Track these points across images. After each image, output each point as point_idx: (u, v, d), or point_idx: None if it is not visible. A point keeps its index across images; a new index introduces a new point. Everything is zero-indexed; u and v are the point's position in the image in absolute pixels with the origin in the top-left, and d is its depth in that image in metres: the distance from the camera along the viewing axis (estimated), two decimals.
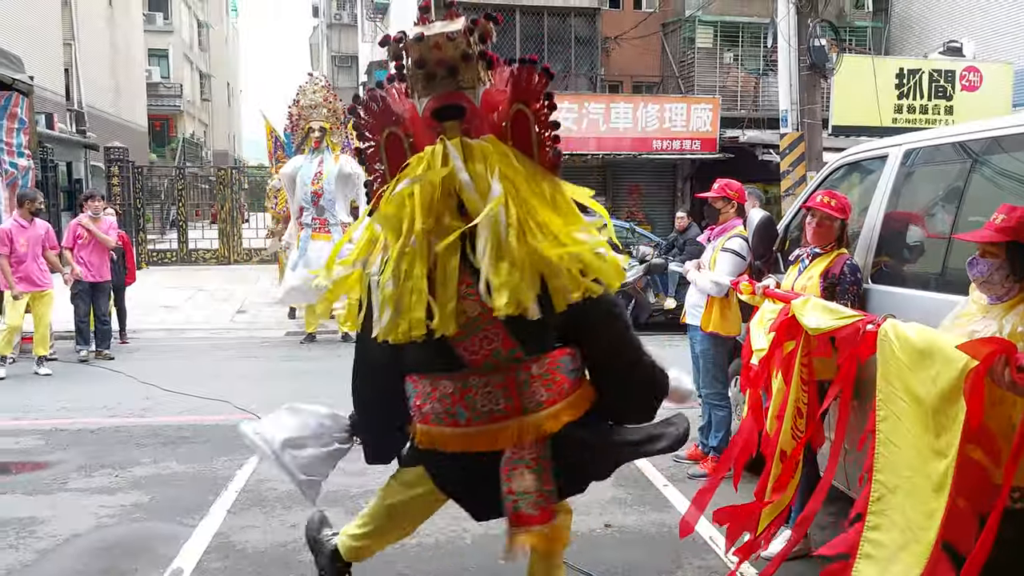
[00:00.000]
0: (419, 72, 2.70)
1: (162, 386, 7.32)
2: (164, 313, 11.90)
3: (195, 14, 47.03)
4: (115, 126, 26.07)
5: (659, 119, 15.07)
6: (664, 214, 16.47)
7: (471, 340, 2.65)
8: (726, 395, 5.15)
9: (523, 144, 2.74)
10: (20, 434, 5.94)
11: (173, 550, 3.93)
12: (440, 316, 2.55)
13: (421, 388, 2.77)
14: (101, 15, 26.91)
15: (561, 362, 2.77)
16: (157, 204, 24.30)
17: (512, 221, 2.55)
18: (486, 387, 2.68)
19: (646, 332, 11.16)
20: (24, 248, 7.84)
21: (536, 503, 2.70)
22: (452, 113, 2.69)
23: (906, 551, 2.51)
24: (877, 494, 2.67)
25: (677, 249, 11.00)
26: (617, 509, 4.56)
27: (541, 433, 2.71)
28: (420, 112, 2.72)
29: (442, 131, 2.67)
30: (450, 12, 2.72)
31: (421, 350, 2.66)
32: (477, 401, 2.68)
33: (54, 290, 8.43)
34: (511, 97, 2.75)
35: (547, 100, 2.79)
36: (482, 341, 2.66)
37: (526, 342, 2.68)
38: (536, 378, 2.71)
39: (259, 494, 4.72)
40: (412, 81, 2.74)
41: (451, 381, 2.70)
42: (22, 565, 3.79)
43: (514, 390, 2.69)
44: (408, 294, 2.56)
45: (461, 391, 2.69)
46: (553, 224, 2.65)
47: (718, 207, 5.14)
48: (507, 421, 2.69)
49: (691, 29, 18.89)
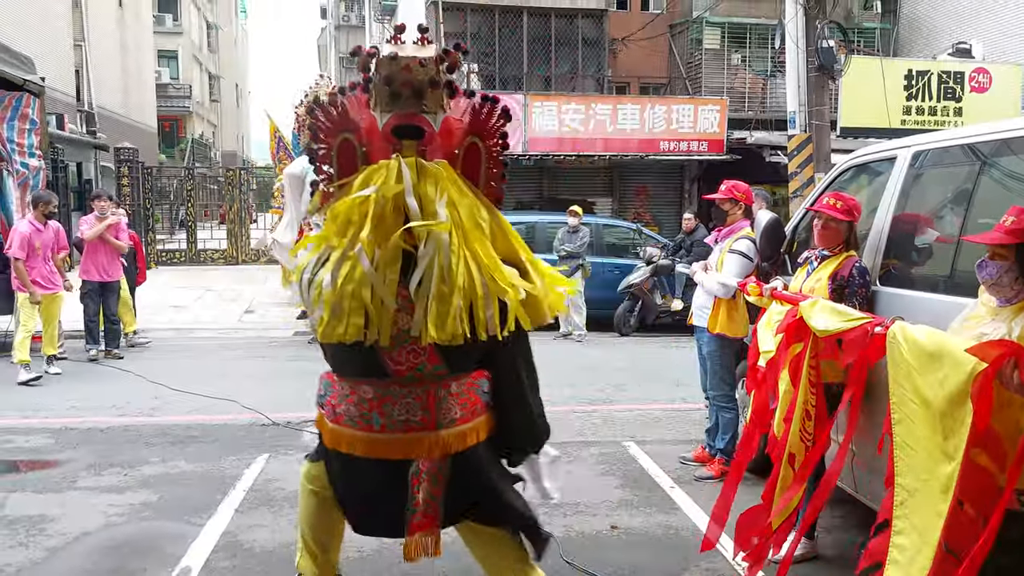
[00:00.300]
0: (386, 89, 2.82)
1: (171, 385, 7.35)
2: (173, 313, 11.95)
3: (204, 16, 47.20)
4: (125, 127, 26.17)
5: (666, 120, 15.06)
6: (671, 215, 16.45)
7: (399, 352, 2.70)
8: (733, 397, 5.15)
9: (471, 175, 2.88)
10: (30, 432, 5.98)
11: (181, 549, 3.95)
12: (378, 326, 2.63)
13: (339, 389, 2.80)
14: (111, 16, 27.04)
15: (478, 383, 2.83)
16: (166, 204, 24.39)
17: (455, 248, 2.66)
18: (406, 398, 2.73)
19: (653, 334, 11.18)
20: (39, 251, 7.86)
21: (425, 512, 2.76)
22: (411, 133, 2.81)
23: (921, 554, 2.51)
24: (900, 498, 2.65)
25: (684, 250, 10.98)
26: (623, 511, 4.56)
27: (449, 449, 2.76)
28: (380, 126, 2.82)
29: (399, 148, 2.79)
30: (423, 38, 2.86)
31: (347, 353, 2.71)
32: (395, 410, 2.72)
33: (63, 292, 8.50)
34: (467, 129, 2.89)
35: (502, 139, 2.96)
36: (409, 354, 2.71)
37: (451, 360, 2.74)
38: (454, 395, 2.77)
39: (267, 493, 4.74)
40: (377, 95, 2.85)
41: (372, 387, 2.73)
42: (32, 563, 3.81)
43: (432, 404, 2.74)
44: (348, 298, 2.62)
45: (380, 399, 2.73)
46: (488, 257, 2.76)
47: (725, 209, 5.13)
48: (420, 433, 2.73)
49: (698, 30, 18.87)
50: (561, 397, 7.30)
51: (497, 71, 18.33)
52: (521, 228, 12.24)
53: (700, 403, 5.98)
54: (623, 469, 5.30)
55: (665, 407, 7.03)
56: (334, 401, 2.81)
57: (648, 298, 11.10)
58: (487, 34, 18.28)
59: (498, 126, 2.98)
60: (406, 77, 2.80)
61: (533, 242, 11.78)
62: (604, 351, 10.05)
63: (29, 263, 7.77)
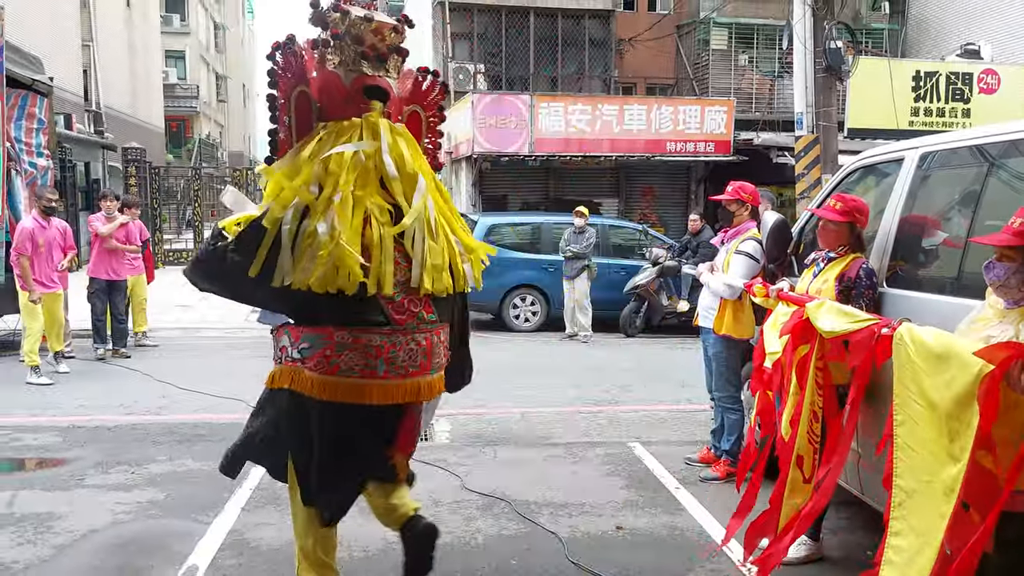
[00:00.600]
0: (355, 48, 2.99)
1: (178, 384, 7.38)
2: (180, 312, 11.99)
3: (212, 16, 47.32)
4: (132, 127, 26.27)
5: (673, 121, 15.04)
6: (677, 216, 16.42)
7: (400, 301, 2.92)
8: (739, 398, 5.14)
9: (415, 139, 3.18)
10: (39, 430, 6.01)
11: (188, 547, 3.97)
12: (380, 275, 2.84)
13: (337, 339, 2.86)
14: (119, 16, 27.14)
15: (449, 334, 3.15)
16: (173, 204, 24.48)
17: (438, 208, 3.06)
18: (408, 345, 2.92)
19: (658, 335, 11.19)
20: (42, 249, 7.87)
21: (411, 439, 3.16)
22: (380, 95, 3.02)
23: (921, 555, 2.51)
24: (898, 499, 2.66)
25: (690, 251, 10.98)
26: (628, 511, 4.56)
27: (435, 392, 3.07)
28: (346, 83, 3.00)
29: (367, 109, 2.99)
30: (371, 4, 3.08)
31: (347, 304, 2.83)
32: (399, 357, 2.90)
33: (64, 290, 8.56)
34: (409, 98, 3.20)
35: (440, 111, 3.35)
36: (409, 304, 2.94)
37: (440, 310, 3.04)
38: (440, 343, 3.06)
39: (273, 492, 4.74)
40: (341, 54, 3.01)
41: (379, 336, 2.88)
42: (40, 560, 3.83)
43: (429, 351, 2.98)
44: (344, 247, 2.77)
45: (388, 346, 2.88)
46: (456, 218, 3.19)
47: (732, 210, 5.13)
48: (418, 378, 2.96)
49: (706, 31, 18.86)
50: (566, 398, 7.31)
51: (504, 71, 18.35)
52: (527, 229, 12.26)
53: (705, 404, 5.98)
54: (628, 470, 5.30)
55: (671, 408, 7.03)
56: (328, 352, 2.87)
57: (654, 299, 11.09)
58: (494, 34, 18.29)
59: (436, 99, 3.29)
60: (377, 40, 3.00)
61: (539, 243, 11.80)
62: (610, 352, 10.05)
63: (32, 260, 7.72)
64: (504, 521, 4.37)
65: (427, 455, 5.38)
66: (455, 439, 5.94)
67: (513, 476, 5.10)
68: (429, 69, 3.27)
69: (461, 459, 5.43)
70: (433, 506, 4.55)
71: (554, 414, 6.71)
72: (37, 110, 9.86)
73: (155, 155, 25.15)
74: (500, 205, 15.46)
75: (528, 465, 5.38)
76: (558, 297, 11.06)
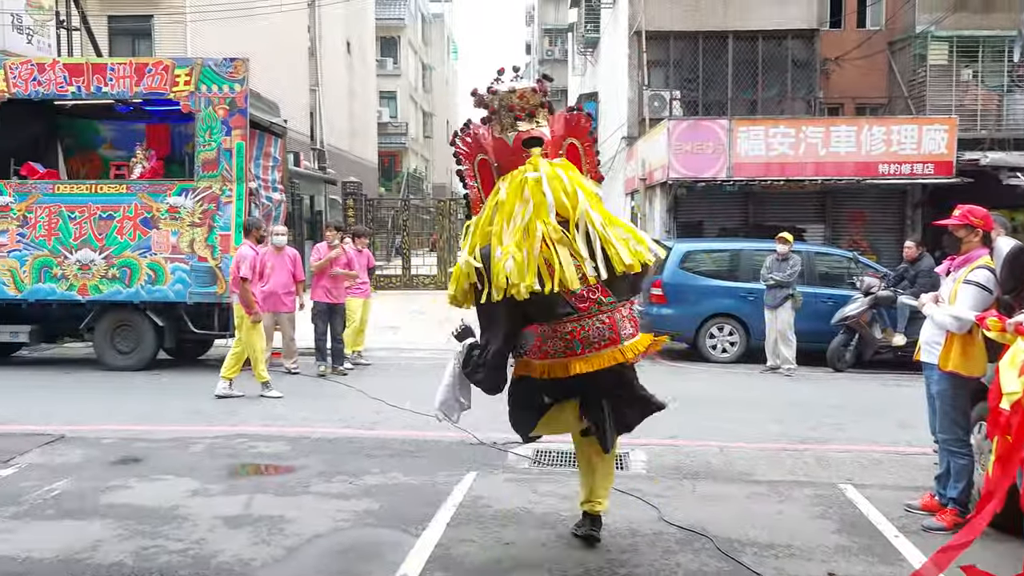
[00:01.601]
0: (509, 114, 4.04)
1: (388, 402, 7.87)
2: (391, 334, 12.79)
3: (420, 58, 50.45)
4: (350, 162, 28.56)
5: (886, 142, 14.08)
6: (891, 243, 15.30)
7: (580, 293, 3.82)
8: (967, 442, 4.71)
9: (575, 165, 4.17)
10: (271, 439, 6.64)
11: (399, 557, 4.22)
12: (567, 275, 3.75)
13: (542, 331, 3.89)
14: (341, 62, 29.69)
15: (635, 308, 4.08)
16: (384, 233, 26.21)
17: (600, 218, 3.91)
18: (595, 324, 3.84)
19: (870, 370, 10.45)
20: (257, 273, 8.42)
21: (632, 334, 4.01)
22: (535, 143, 4.02)
23: None
24: None
25: (907, 281, 10.20)
26: (841, 557, 4.30)
27: (627, 356, 3.93)
28: (510, 143, 4.03)
29: (528, 155, 3.97)
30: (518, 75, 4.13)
31: (542, 303, 3.79)
32: (591, 335, 3.83)
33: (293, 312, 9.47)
34: (564, 134, 4.20)
35: (591, 136, 4.31)
36: (588, 293, 3.85)
37: (617, 292, 3.93)
38: (625, 317, 3.96)
39: (475, 510, 4.94)
40: (502, 121, 4.05)
41: (570, 323, 3.84)
42: (273, 560, 4.22)
43: (615, 326, 3.87)
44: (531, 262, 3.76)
45: (579, 329, 3.83)
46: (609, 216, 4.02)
47: (960, 236, 4.77)
48: (611, 348, 3.86)
49: (922, 46, 17.55)
50: (769, 434, 7.01)
51: (700, 96, 18.07)
52: (725, 255, 11.95)
53: (928, 447, 5.54)
54: (840, 513, 4.99)
55: (887, 449, 6.55)
56: (539, 343, 3.92)
57: (866, 331, 10.39)
58: (690, 60, 18.10)
59: (585, 127, 4.25)
60: (525, 104, 4.04)
61: (738, 270, 11.46)
62: (816, 387, 9.53)
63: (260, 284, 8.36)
64: (704, 557, 4.26)
65: (623, 484, 5.37)
66: (652, 470, 5.88)
67: (713, 511, 4.96)
68: (574, 107, 4.37)
69: (659, 491, 5.36)
70: (631, 536, 4.54)
71: (756, 450, 6.46)
72: (273, 149, 11.04)
73: (369, 188, 27.16)
74: (696, 232, 15.16)
75: (729, 501, 5.21)
76: (758, 327, 10.65)
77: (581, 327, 3.80)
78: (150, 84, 9.59)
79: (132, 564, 4.10)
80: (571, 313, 3.80)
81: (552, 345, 3.85)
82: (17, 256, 9.69)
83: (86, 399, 8.25)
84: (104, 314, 9.82)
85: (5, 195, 9.73)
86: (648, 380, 4.26)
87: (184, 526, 4.63)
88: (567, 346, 3.82)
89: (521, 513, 4.91)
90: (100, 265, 9.61)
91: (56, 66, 9.81)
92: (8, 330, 10.04)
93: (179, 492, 5.23)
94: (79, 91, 9.71)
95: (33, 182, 10.01)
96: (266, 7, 18.71)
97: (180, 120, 10.44)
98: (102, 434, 6.71)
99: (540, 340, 3.88)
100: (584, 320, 3.79)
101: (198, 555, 4.22)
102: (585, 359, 3.81)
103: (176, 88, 9.52)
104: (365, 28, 34.34)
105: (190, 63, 9.66)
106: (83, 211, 9.64)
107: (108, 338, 9.86)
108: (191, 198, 9.55)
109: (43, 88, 9.70)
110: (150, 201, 9.59)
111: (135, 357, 9.79)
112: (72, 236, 9.63)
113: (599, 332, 3.81)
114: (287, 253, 9.63)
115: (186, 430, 6.90)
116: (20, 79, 9.68)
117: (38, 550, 4.26)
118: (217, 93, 9.47)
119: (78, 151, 11.50)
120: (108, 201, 9.66)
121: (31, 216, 9.68)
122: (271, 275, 9.38)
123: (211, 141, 9.49)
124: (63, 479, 5.48)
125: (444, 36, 59.09)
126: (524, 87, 4.02)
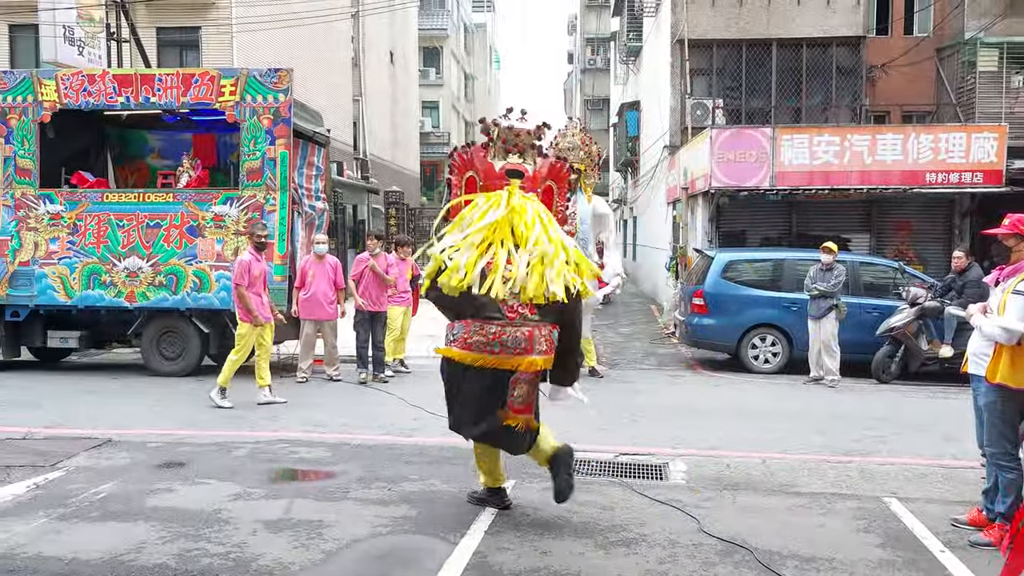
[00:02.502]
0: (503, 146, 4.85)
1: (428, 409, 7.91)
2: (430, 341, 12.84)
3: (463, 68, 50.78)
4: (392, 172, 28.83)
5: (933, 150, 13.79)
6: (938, 253, 14.96)
7: (512, 305, 4.56)
8: (1016, 456, 4.60)
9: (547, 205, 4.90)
10: (311, 445, 6.72)
11: (437, 563, 4.24)
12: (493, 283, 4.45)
13: (471, 327, 4.60)
14: (384, 72, 30.02)
15: (554, 334, 4.71)
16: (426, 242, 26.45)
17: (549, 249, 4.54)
18: (515, 333, 4.56)
19: (916, 382, 10.22)
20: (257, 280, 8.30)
21: (524, 403, 4.65)
22: (517, 175, 4.77)
23: None
24: None
25: (955, 291, 9.96)
26: (885, 572, 4.21)
27: (538, 367, 4.64)
28: (497, 169, 4.81)
29: (508, 184, 4.71)
30: (523, 116, 4.89)
31: (482, 303, 4.52)
32: (508, 341, 4.55)
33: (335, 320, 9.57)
34: (547, 176, 4.96)
35: (568, 185, 5.16)
36: (517, 306, 4.58)
37: (542, 314, 4.61)
38: (542, 336, 4.63)
39: (513, 518, 4.94)
40: (497, 150, 4.85)
41: (496, 326, 4.55)
42: (312, 564, 4.27)
43: (531, 339, 4.58)
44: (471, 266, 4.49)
45: (500, 333, 4.55)
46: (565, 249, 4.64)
47: (1010, 245, 4.67)
48: (522, 356, 4.55)
49: (972, 52, 17.16)
50: (812, 445, 6.90)
51: (743, 105, 17.90)
52: (767, 265, 11.79)
53: (975, 460, 5.40)
54: (884, 527, 4.89)
55: (932, 462, 6.40)
56: (466, 335, 4.60)
57: (912, 343, 10.17)
58: (733, 68, 17.95)
59: (566, 175, 5.06)
60: (517, 141, 4.84)
61: (780, 280, 11.31)
62: (860, 398, 9.35)
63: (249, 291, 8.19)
64: (745, 570, 4.21)
65: (662, 494, 5.33)
66: (692, 480, 5.82)
67: (754, 523, 4.90)
68: (561, 157, 5.24)
69: (698, 501, 5.31)
70: (670, 547, 4.50)
71: (798, 462, 6.36)
72: (316, 159, 11.19)
73: (411, 197, 27.39)
74: (738, 241, 15.00)
75: (770, 513, 5.14)
76: (801, 338, 10.48)
77: (503, 331, 4.54)
78: (196, 94, 9.81)
79: (175, 566, 4.18)
80: (499, 317, 4.55)
81: (476, 340, 4.56)
82: (67, 263, 9.97)
83: (133, 404, 8.44)
84: (151, 321, 10.04)
85: (56, 203, 10.02)
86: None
87: (226, 529, 4.71)
88: (487, 344, 4.54)
89: (559, 522, 4.90)
90: (147, 272, 9.84)
91: (106, 77, 10.10)
92: (58, 336, 10.34)
93: (221, 496, 5.32)
94: (128, 101, 9.97)
95: (83, 191, 10.30)
96: (310, 18, 19.03)
97: (226, 130, 10.67)
98: (147, 438, 6.86)
99: (467, 333, 4.59)
100: (507, 327, 4.54)
101: (239, 558, 4.29)
102: (497, 358, 4.54)
103: (222, 98, 9.73)
104: (408, 38, 34.68)
105: (235, 73, 9.87)
106: (131, 219, 9.89)
107: (154, 344, 10.08)
108: (236, 207, 9.74)
109: (93, 99, 9.99)
110: (196, 210, 9.80)
111: (181, 363, 10.00)
112: (120, 244, 9.88)
113: (516, 341, 4.54)
114: (328, 261, 9.76)
115: (229, 435, 7.02)
116: (71, 90, 9.98)
117: (84, 551, 4.36)
118: (262, 103, 9.66)
119: (126, 160, 11.81)
120: (155, 209, 9.89)
121: (81, 224, 9.96)
122: (312, 283, 9.52)
123: (255, 150, 9.67)
124: (109, 482, 5.61)
125: (486, 46, 59.37)
126: (522, 128, 4.83)
